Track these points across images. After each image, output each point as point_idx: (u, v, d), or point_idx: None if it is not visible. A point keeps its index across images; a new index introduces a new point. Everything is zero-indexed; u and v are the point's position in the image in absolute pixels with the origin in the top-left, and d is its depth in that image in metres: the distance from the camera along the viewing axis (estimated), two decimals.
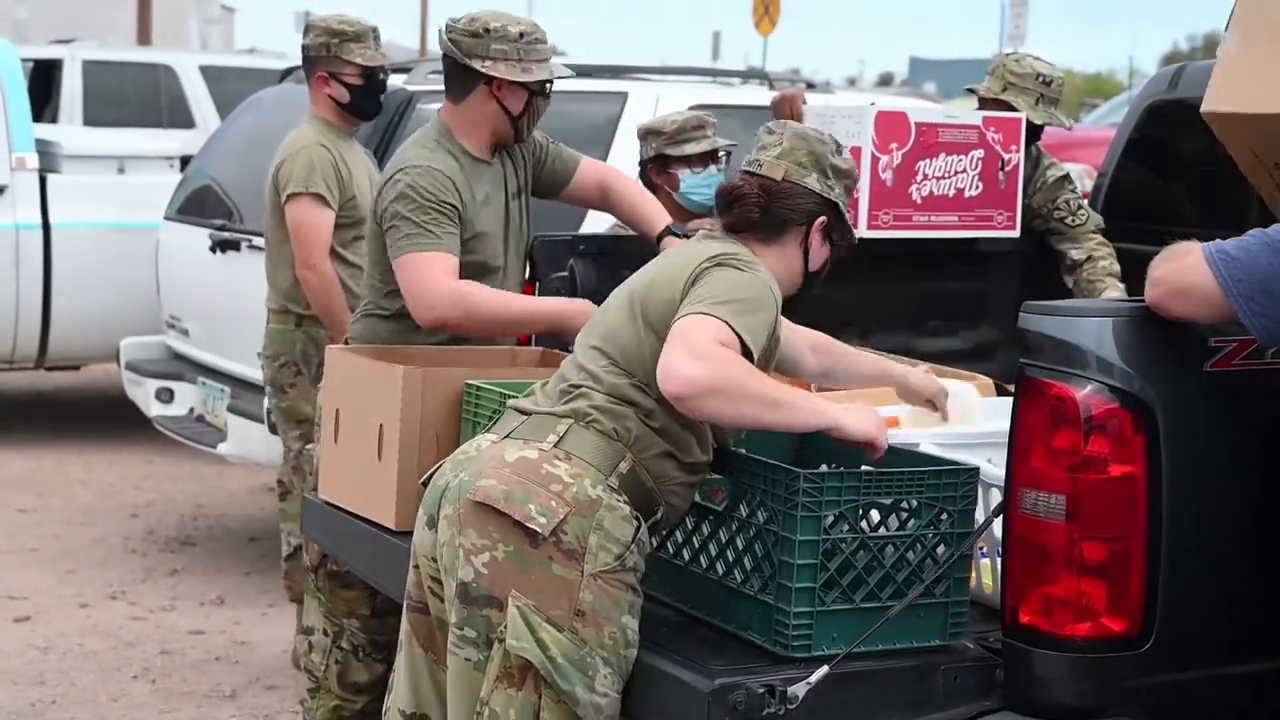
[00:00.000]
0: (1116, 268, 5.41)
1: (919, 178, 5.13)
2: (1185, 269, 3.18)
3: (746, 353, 3.30)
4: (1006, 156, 5.26)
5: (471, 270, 4.44)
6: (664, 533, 3.57)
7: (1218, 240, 3.21)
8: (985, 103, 5.58)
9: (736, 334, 3.29)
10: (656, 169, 5.26)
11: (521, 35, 4.42)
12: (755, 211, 3.54)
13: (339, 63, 5.29)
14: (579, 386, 3.46)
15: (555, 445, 3.39)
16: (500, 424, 3.57)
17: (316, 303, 5.64)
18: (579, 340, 3.59)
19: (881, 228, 5.09)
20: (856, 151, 5.05)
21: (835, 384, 4.10)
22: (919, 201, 5.14)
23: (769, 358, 3.47)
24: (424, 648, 3.61)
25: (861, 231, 5.06)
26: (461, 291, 4.33)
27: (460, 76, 4.46)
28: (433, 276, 4.30)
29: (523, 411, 3.52)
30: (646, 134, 5.30)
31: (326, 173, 5.61)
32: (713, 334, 3.26)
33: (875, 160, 5.05)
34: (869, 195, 5.06)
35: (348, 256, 5.64)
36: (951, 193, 5.19)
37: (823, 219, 3.57)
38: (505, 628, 3.31)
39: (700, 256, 3.45)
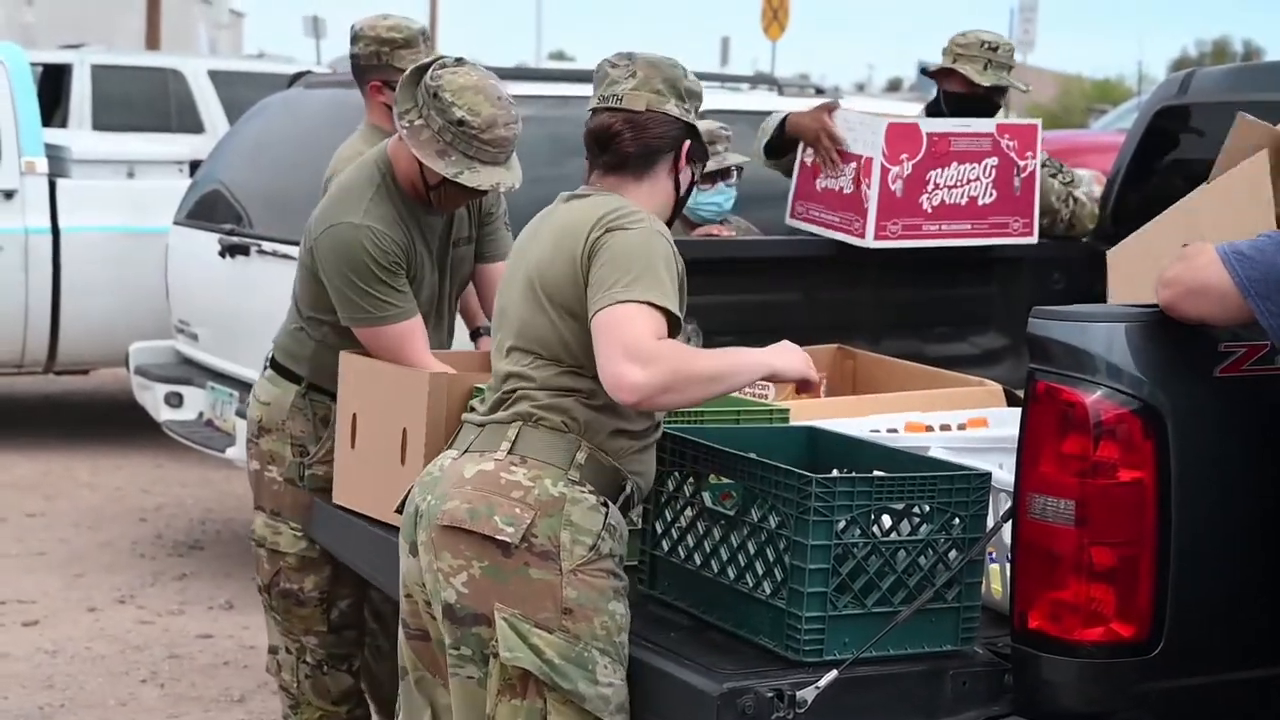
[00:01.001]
0: (1090, 208, 5.49)
1: (930, 187, 5.11)
2: (1200, 269, 3.18)
3: (674, 321, 3.32)
4: (1022, 163, 5.25)
5: None
6: (640, 507, 3.59)
7: (1231, 241, 3.21)
8: (936, 75, 5.59)
9: (661, 309, 3.29)
10: None
11: (461, 123, 4.08)
12: (630, 146, 3.51)
13: (392, 70, 5.28)
14: (514, 391, 3.47)
15: (509, 451, 3.41)
16: (459, 439, 3.59)
17: None
18: (495, 345, 3.58)
19: (890, 238, 5.07)
20: (868, 162, 5.06)
21: None
22: (929, 210, 5.12)
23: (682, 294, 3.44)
24: (430, 672, 3.62)
25: (869, 242, 5.06)
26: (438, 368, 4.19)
27: (400, 116, 4.19)
28: (416, 353, 4.23)
29: (477, 424, 3.53)
30: None
31: None
32: (645, 326, 3.26)
33: (885, 171, 5.03)
34: (877, 205, 5.04)
35: None
36: (964, 201, 5.17)
37: (687, 143, 3.57)
38: (497, 641, 3.33)
39: (585, 225, 3.40)
